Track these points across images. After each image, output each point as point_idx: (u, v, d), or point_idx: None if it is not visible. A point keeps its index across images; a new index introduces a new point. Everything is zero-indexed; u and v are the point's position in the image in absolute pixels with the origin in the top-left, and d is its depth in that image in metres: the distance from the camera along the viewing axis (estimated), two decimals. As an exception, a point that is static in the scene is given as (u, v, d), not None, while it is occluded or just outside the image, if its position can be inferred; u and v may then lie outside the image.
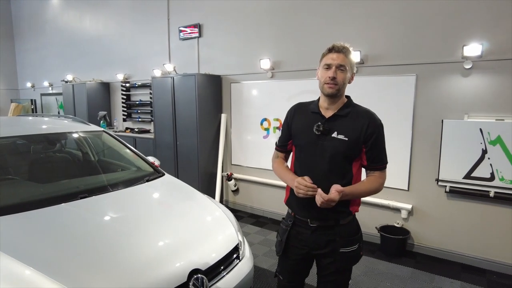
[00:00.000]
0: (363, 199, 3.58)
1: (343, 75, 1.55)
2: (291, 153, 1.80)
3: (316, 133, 1.59)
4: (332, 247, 1.63)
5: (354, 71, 1.65)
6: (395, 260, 3.35)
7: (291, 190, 1.67)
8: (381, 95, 3.50)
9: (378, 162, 1.62)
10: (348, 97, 1.68)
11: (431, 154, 3.30)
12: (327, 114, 1.62)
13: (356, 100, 1.72)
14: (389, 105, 3.46)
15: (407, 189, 3.48)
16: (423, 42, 3.24)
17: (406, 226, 3.53)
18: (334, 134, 1.58)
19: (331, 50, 1.57)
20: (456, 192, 3.19)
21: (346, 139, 1.56)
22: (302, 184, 1.52)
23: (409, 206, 3.46)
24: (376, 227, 3.61)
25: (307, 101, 1.76)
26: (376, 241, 3.69)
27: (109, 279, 1.57)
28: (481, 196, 3.07)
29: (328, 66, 1.56)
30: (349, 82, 1.63)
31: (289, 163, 1.83)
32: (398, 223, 3.55)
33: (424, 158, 3.36)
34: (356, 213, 1.72)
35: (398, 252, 3.45)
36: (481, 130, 2.98)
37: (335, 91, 1.56)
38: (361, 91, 3.56)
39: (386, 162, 1.64)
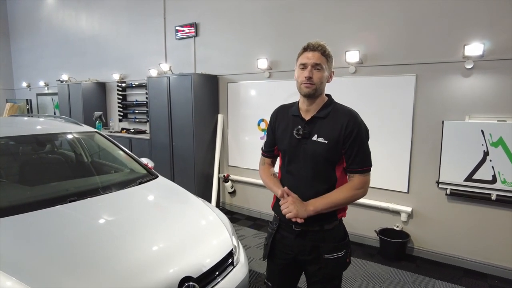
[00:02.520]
0: (361, 201, 3.57)
1: (320, 74, 1.49)
2: (278, 157, 1.76)
3: (297, 137, 1.55)
4: (317, 253, 1.56)
5: (333, 69, 1.58)
6: (394, 264, 3.28)
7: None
8: (380, 96, 3.43)
9: (357, 163, 1.50)
10: (328, 95, 1.61)
11: (431, 156, 3.23)
12: (307, 116, 1.57)
13: (354, 100, 1.67)
14: (388, 105, 3.39)
15: (406, 191, 3.41)
16: (423, 41, 3.18)
17: (406, 229, 3.46)
18: (314, 137, 1.52)
19: (306, 49, 1.52)
20: (457, 195, 3.12)
21: (326, 142, 1.50)
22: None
23: (409, 209, 3.39)
24: (375, 230, 3.54)
25: (289, 103, 1.71)
26: (375, 245, 3.62)
27: (95, 286, 1.50)
28: (482, 199, 3.00)
29: (304, 66, 1.51)
30: (328, 81, 1.56)
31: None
32: (397, 226, 3.48)
33: (424, 160, 3.29)
34: (343, 218, 1.65)
35: (398, 256, 3.38)
36: (482, 131, 2.92)
37: (312, 90, 1.50)
38: (360, 92, 3.51)
39: (369, 165, 1.52)
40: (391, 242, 3.37)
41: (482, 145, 2.93)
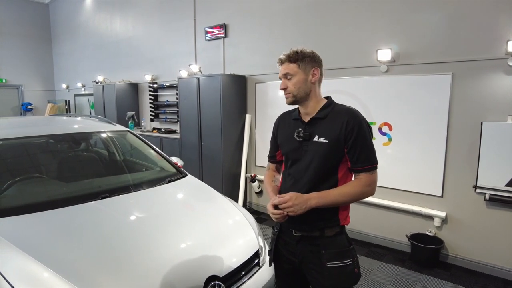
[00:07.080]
0: (391, 204, 3.45)
1: (292, 81, 1.53)
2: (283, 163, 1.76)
3: (298, 139, 1.56)
4: (318, 260, 1.50)
5: (312, 68, 1.53)
6: (427, 271, 3.14)
7: None
8: (413, 95, 3.29)
9: (361, 162, 1.46)
10: (328, 97, 1.62)
11: (468, 158, 3.07)
12: (307, 118, 1.58)
13: (385, 100, 1.62)
14: (422, 105, 3.25)
15: (441, 195, 3.26)
16: (460, 38, 3.02)
17: (440, 235, 3.31)
18: (315, 138, 1.52)
19: (278, 63, 1.58)
20: (497, 201, 2.93)
21: (327, 141, 1.48)
22: (269, 211, 1.53)
23: (443, 214, 3.24)
24: (406, 235, 3.41)
25: (291, 109, 1.72)
26: (406, 250, 3.49)
27: (123, 282, 1.55)
28: (526, 206, 2.81)
29: (280, 79, 1.59)
30: (312, 81, 1.54)
31: None
32: (430, 232, 3.33)
33: (460, 163, 3.12)
34: (346, 226, 1.57)
35: (431, 262, 3.23)
36: (526, 133, 2.73)
37: (291, 99, 1.57)
38: (392, 91, 3.39)
39: (374, 163, 1.48)
40: (424, 248, 3.23)
41: (526, 148, 2.74)
